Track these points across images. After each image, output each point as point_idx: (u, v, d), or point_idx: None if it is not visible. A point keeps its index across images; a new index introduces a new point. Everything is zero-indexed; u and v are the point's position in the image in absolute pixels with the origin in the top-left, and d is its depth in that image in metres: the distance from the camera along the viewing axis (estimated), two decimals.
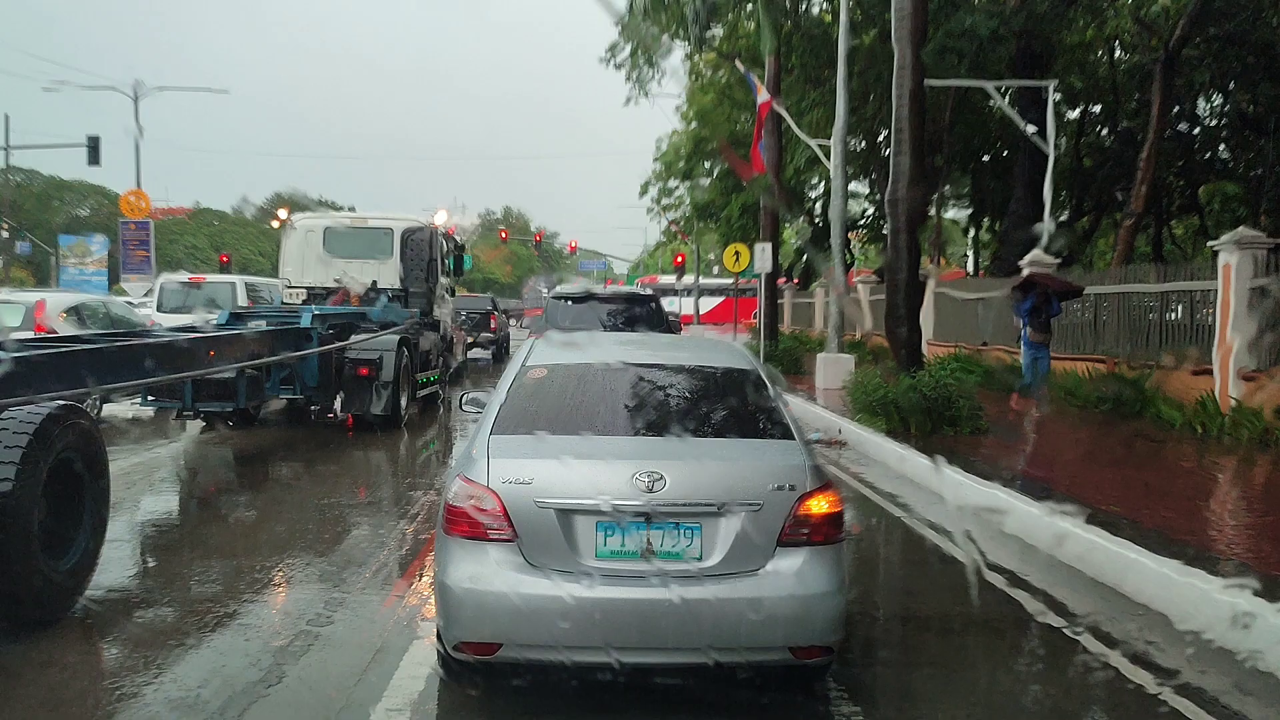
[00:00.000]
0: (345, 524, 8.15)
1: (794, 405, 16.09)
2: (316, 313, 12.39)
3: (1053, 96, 18.21)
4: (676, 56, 35.59)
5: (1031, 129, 17.62)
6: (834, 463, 11.35)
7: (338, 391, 12.36)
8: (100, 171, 47.16)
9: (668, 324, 14.48)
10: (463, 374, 21.60)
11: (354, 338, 12.62)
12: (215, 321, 11.43)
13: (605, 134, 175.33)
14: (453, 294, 18.31)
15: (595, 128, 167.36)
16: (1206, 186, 27.62)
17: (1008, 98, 19.86)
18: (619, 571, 3.91)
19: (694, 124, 38.80)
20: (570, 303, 13.73)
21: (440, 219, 16.28)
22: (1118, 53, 24.40)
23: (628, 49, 33.61)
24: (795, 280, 39.91)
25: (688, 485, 3.97)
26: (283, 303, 15.63)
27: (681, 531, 3.96)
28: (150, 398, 9.99)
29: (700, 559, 3.95)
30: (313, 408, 12.21)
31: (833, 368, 17.37)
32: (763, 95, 19.08)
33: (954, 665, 5.14)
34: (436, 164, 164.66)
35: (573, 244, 72.70)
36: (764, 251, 20.91)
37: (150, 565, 7.01)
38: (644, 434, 4.41)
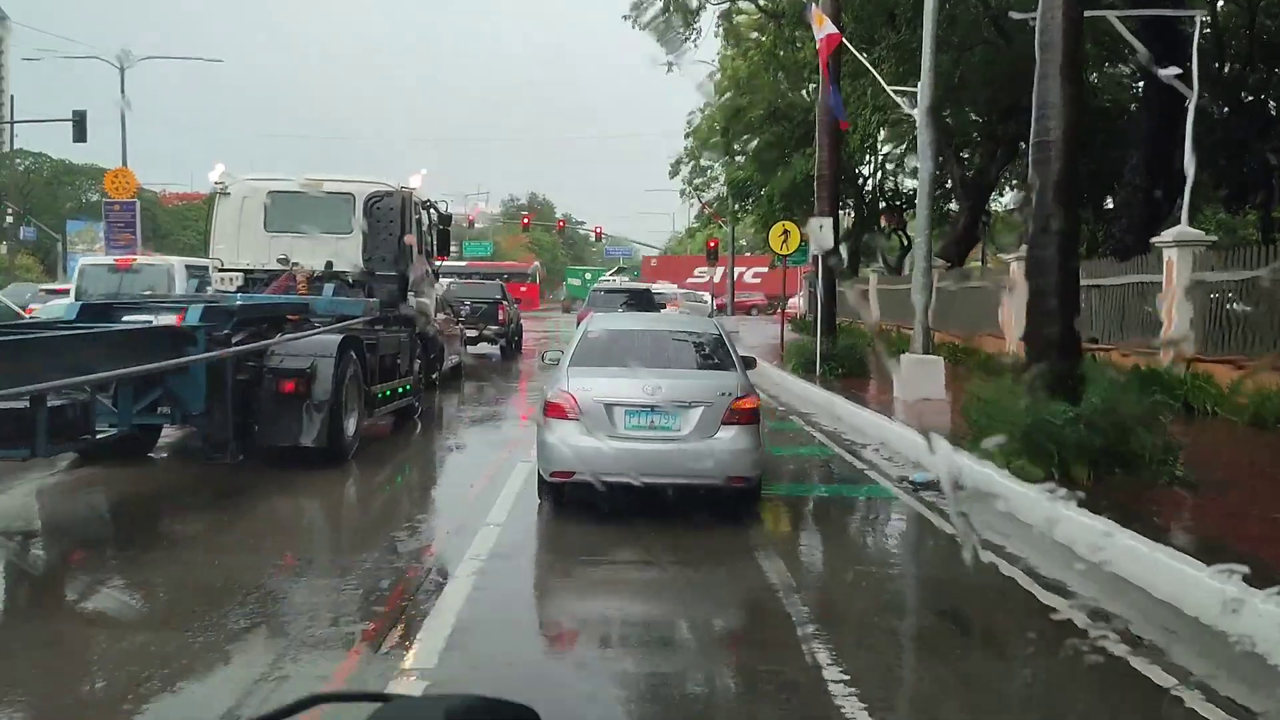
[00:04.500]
0: (222, 650, 4.66)
1: (872, 423, 12.43)
2: (222, 306, 8.93)
3: (1198, 30, 14.38)
4: (709, 17, 31.80)
5: (1173, 70, 13.78)
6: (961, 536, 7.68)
7: (244, 416, 8.76)
8: (111, 155, 44.41)
9: (655, 304, 23.56)
10: (461, 376, 18.08)
11: (278, 338, 9.15)
12: (61, 319, 7.96)
13: (631, 120, 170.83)
14: (437, 276, 14.78)
15: (621, 113, 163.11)
16: None
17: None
18: (636, 436, 7.47)
19: (729, 94, 35.14)
20: (605, 292, 24.87)
21: (415, 181, 12.72)
22: None
23: (658, 5, 30.06)
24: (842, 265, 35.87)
25: (674, 392, 7.56)
26: (210, 289, 12.21)
27: (670, 415, 7.50)
28: None
29: (680, 430, 7.50)
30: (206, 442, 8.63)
31: (918, 373, 13.69)
32: (825, 29, 15.28)
33: None
34: (458, 147, 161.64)
35: (598, 229, 69.25)
36: (823, 228, 17.21)
37: None
38: (653, 367, 7.83)
